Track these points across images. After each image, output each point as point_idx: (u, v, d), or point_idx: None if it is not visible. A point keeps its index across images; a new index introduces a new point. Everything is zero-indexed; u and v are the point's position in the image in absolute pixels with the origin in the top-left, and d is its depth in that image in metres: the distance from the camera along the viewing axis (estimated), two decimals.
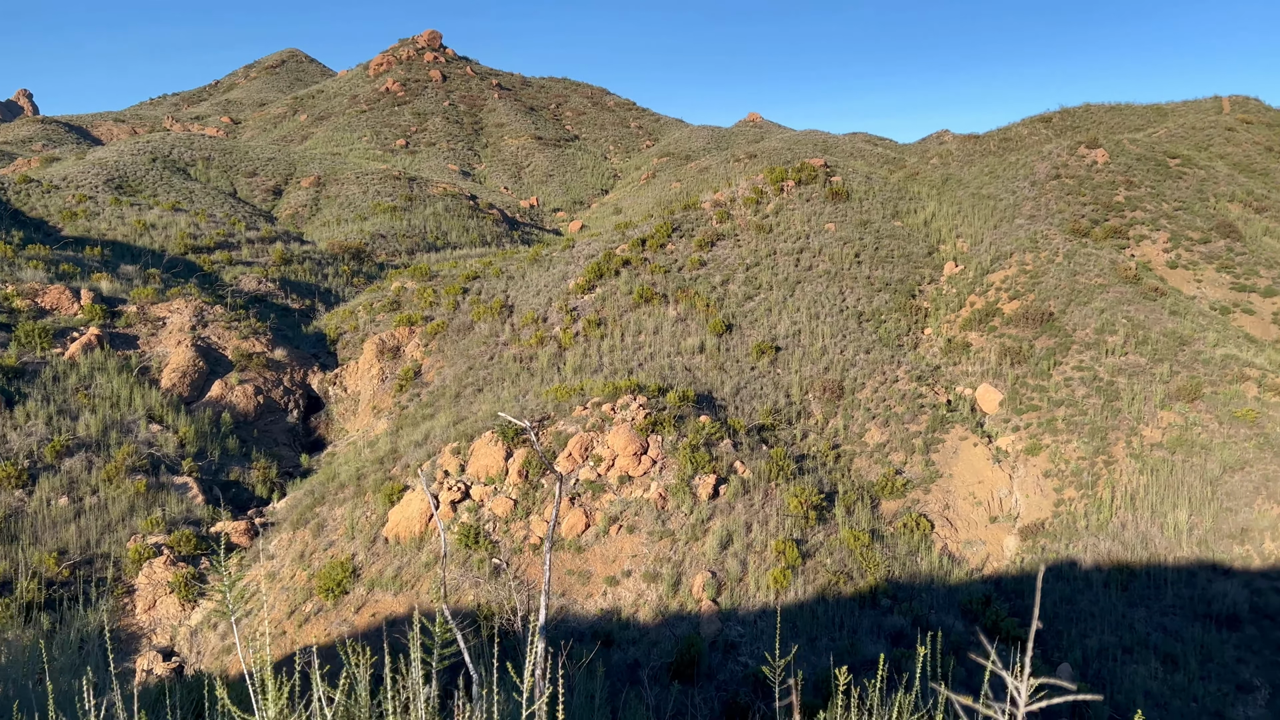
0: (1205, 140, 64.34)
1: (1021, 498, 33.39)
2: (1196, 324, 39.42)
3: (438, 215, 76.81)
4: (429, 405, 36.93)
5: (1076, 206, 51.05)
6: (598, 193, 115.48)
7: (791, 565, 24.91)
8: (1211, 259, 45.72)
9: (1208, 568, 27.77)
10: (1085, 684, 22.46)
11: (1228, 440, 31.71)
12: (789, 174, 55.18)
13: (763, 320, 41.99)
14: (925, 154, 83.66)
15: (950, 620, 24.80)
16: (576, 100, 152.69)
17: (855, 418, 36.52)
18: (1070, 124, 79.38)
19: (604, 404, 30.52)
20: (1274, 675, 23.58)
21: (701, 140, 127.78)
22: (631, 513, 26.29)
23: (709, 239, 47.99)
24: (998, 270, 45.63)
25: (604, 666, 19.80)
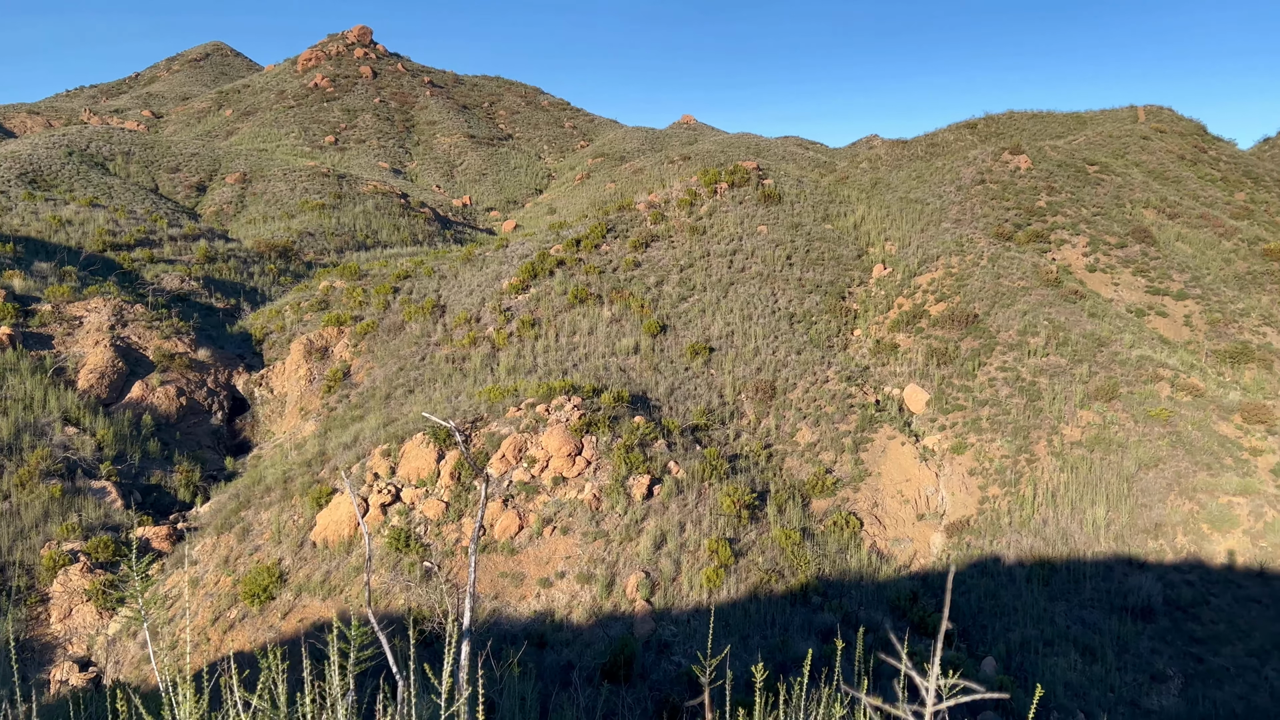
0: (1122, 148, 66.60)
1: (948, 495, 34.17)
2: (1114, 326, 40.78)
3: (368, 213, 75.64)
4: (358, 407, 36.35)
5: (1000, 211, 52.41)
6: (532, 192, 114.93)
7: (724, 564, 25.10)
8: (1128, 263, 47.34)
9: (1124, 562, 28.77)
10: (1009, 677, 23.08)
11: (1143, 438, 32.88)
12: (722, 176, 55.61)
13: (697, 321, 42.25)
14: (855, 158, 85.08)
15: (879, 617, 25.27)
16: (510, 99, 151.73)
17: (787, 418, 36.97)
18: (995, 130, 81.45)
19: (538, 405, 30.40)
20: (1186, 665, 24.52)
21: (636, 141, 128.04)
22: (566, 514, 26.22)
23: (644, 240, 48.12)
24: (925, 273, 46.62)
25: (537, 668, 19.72)
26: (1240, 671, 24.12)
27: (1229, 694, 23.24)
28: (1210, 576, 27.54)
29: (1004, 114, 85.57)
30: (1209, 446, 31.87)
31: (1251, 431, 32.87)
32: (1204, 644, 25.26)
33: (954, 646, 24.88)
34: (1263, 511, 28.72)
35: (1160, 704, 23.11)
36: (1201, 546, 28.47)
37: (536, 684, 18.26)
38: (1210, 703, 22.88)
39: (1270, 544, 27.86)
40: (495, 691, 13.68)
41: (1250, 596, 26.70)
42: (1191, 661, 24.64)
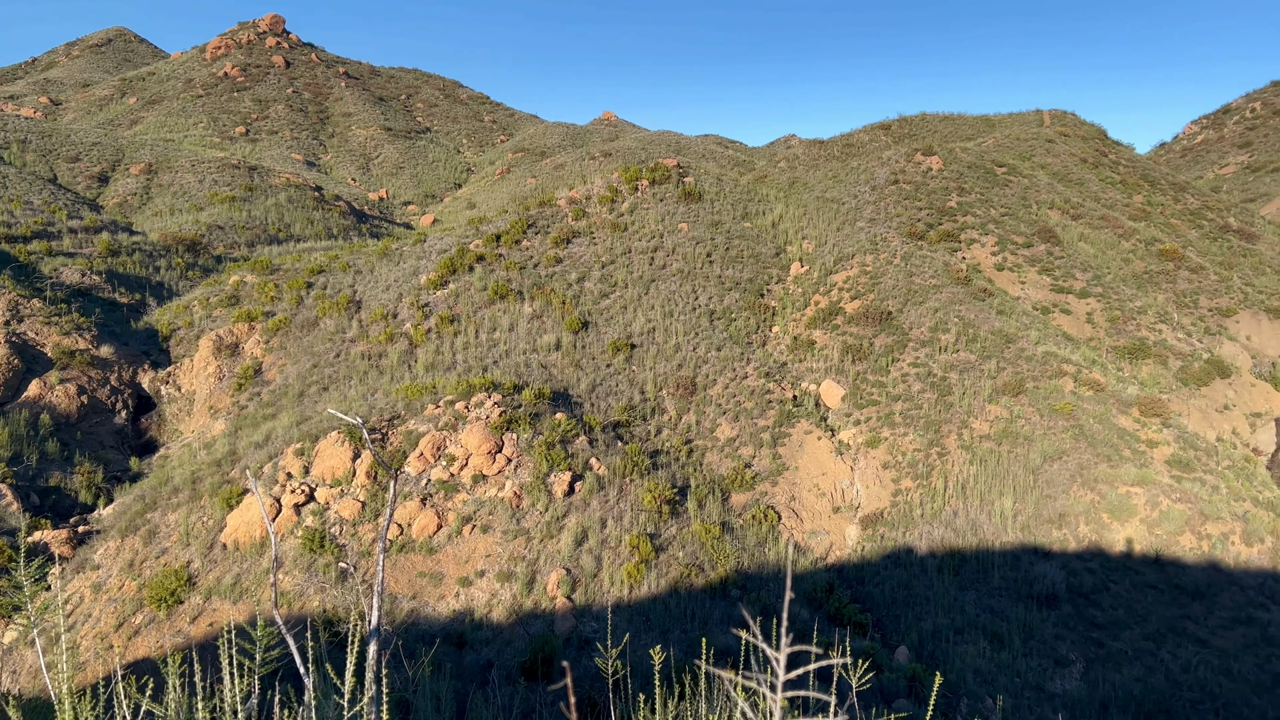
0: (1028, 151, 68.84)
1: (862, 488, 34.89)
2: (1020, 323, 42.15)
3: (280, 206, 73.68)
4: (271, 405, 35.41)
5: (913, 211, 53.69)
6: (450, 187, 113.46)
7: (645, 560, 25.19)
8: (1034, 262, 48.98)
9: (1030, 551, 29.78)
10: (921, 665, 23.66)
11: (1048, 432, 34.07)
12: (644, 173, 55.75)
13: (618, 318, 42.28)
14: (774, 157, 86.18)
15: (797, 608, 25.66)
16: (428, 92, 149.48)
17: (707, 413, 37.26)
18: (908, 132, 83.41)
19: (457, 402, 30.04)
20: (1087, 650, 25.51)
21: (557, 137, 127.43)
22: (486, 512, 25.98)
23: (565, 236, 47.94)
24: (840, 271, 47.49)
25: (456, 668, 19.50)
26: (1138, 655, 25.20)
27: (1127, 676, 24.26)
28: (1110, 564, 28.70)
29: (917, 116, 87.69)
30: (1109, 439, 33.19)
31: (1148, 424, 34.34)
32: (1104, 629, 26.31)
33: (869, 637, 25.43)
34: (1158, 501, 30.04)
35: (1064, 688, 23.99)
36: (1102, 535, 29.64)
37: (453, 683, 18.05)
38: (1110, 685, 23.85)
39: (1165, 532, 29.15)
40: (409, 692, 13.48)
41: (1147, 583, 27.91)
42: (1093, 646, 25.64)
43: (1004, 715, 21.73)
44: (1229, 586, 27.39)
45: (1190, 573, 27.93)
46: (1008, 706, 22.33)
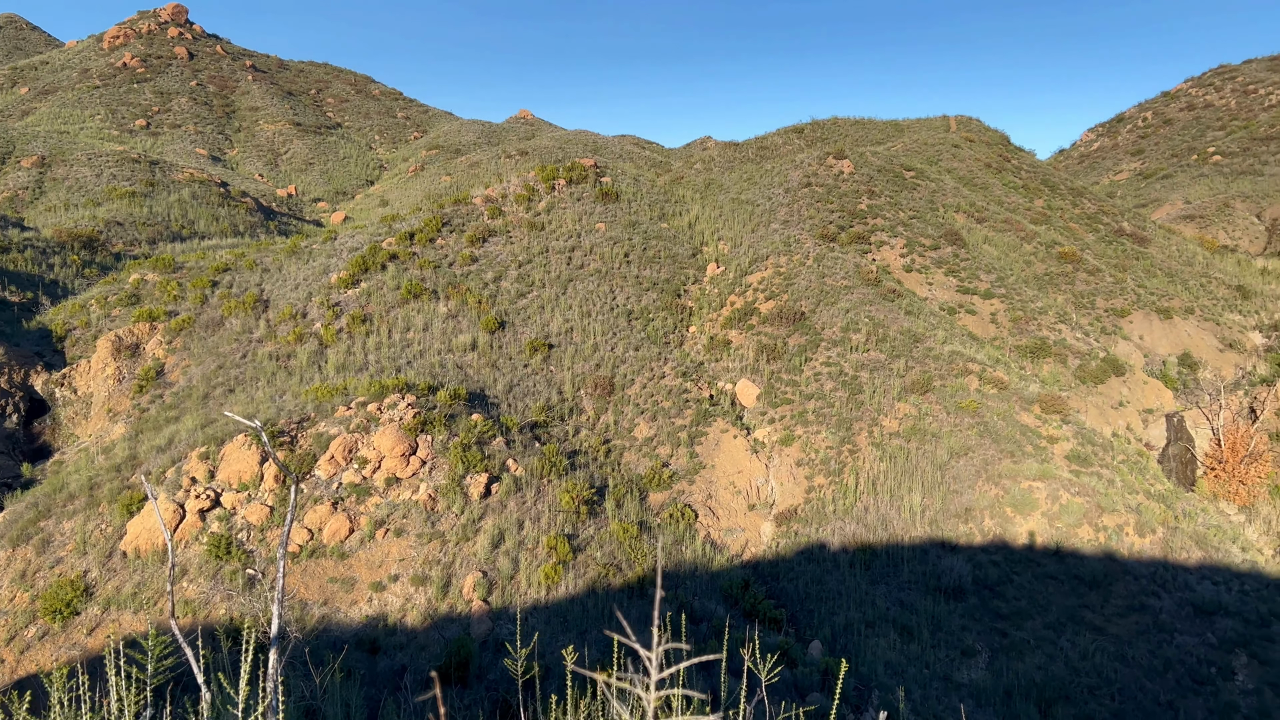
0: (936, 155, 70.79)
1: (777, 486, 35.38)
2: (928, 323, 43.29)
3: (184, 202, 71.18)
4: (174, 407, 34.15)
5: (825, 213, 54.68)
6: (362, 183, 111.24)
7: (563, 560, 25.08)
8: (941, 264, 50.37)
9: (938, 545, 30.62)
10: (834, 659, 24.09)
11: (954, 429, 35.07)
12: (561, 173, 55.54)
13: (536, 318, 42.03)
14: (690, 159, 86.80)
15: (713, 606, 25.87)
16: (339, 87, 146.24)
17: (625, 413, 37.31)
18: (820, 135, 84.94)
19: (370, 404, 29.45)
20: (992, 640, 26.34)
21: (472, 134, 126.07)
22: (400, 515, 25.53)
23: (481, 235, 47.44)
24: (755, 272, 48.09)
25: (369, 674, 19.11)
26: (1039, 644, 26.12)
27: (1030, 665, 25.13)
28: (1014, 556, 29.68)
29: (829, 120, 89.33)
30: (1012, 435, 34.33)
31: (1049, 421, 35.64)
32: (1008, 620, 27.21)
33: (783, 632, 25.79)
34: (1059, 495, 31.19)
35: (970, 677, 24.72)
36: (1006, 529, 30.64)
37: (365, 690, 17.68)
38: (1014, 674, 24.67)
39: (1065, 525, 30.29)
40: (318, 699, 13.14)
41: (1048, 574, 28.95)
42: (997, 636, 26.49)
43: (913, 706, 22.27)
44: (1123, 576, 28.60)
45: (1088, 563, 29.08)
46: (917, 697, 22.91)
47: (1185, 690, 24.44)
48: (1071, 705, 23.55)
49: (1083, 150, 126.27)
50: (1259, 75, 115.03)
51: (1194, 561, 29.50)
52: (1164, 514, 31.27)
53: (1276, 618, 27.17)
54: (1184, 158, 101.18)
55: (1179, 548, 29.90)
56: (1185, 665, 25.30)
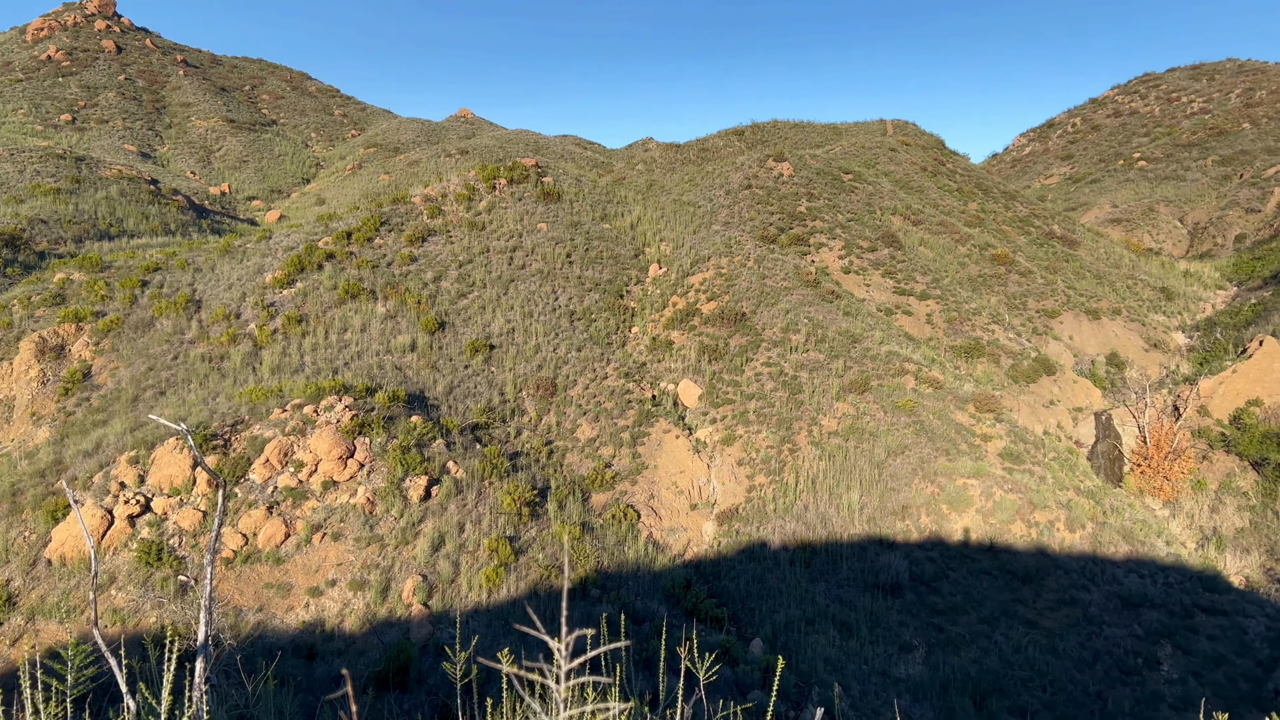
0: (873, 158, 71.88)
1: (719, 485, 35.58)
2: (866, 324, 43.92)
3: (112, 200, 69.13)
4: (102, 411, 33.15)
5: (766, 215, 55.17)
6: (298, 182, 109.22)
7: (505, 563, 24.91)
8: (878, 265, 51.15)
9: (876, 542, 31.06)
10: (775, 656, 24.28)
11: (891, 427, 35.62)
12: (502, 172, 55.18)
13: (476, 318, 41.68)
14: (632, 160, 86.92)
15: (655, 605, 25.92)
16: (274, 83, 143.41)
17: (568, 414, 37.20)
18: (760, 138, 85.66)
19: (306, 406, 28.92)
20: (929, 635, 26.80)
21: (411, 133, 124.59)
22: (337, 519, 25.12)
23: (420, 234, 46.90)
24: (697, 273, 48.32)
25: (306, 680, 18.76)
26: (974, 638, 26.66)
27: (965, 659, 25.63)
28: (949, 553, 30.25)
29: (769, 123, 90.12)
30: (947, 434, 34.99)
31: (983, 419, 36.40)
32: (944, 615, 27.71)
33: (725, 630, 25.93)
34: (992, 492, 31.87)
35: (907, 672, 25.12)
36: (942, 525, 31.21)
37: (302, 697, 17.36)
38: (950, 668, 25.13)
39: (999, 521, 30.97)
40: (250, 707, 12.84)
41: (983, 569, 29.57)
42: (934, 631, 26.96)
43: (853, 702, 22.55)
44: (1055, 570, 29.33)
45: (1021, 558, 29.76)
46: (856, 693, 23.20)
47: (1113, 681, 25.15)
48: (1005, 698, 24.07)
49: (1015, 154, 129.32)
50: (1181, 84, 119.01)
51: (1121, 555, 30.37)
52: (1093, 510, 32.14)
53: (1199, 609, 28.10)
54: (1111, 163, 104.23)
55: (1107, 542, 30.77)
56: (1113, 656, 26.03)
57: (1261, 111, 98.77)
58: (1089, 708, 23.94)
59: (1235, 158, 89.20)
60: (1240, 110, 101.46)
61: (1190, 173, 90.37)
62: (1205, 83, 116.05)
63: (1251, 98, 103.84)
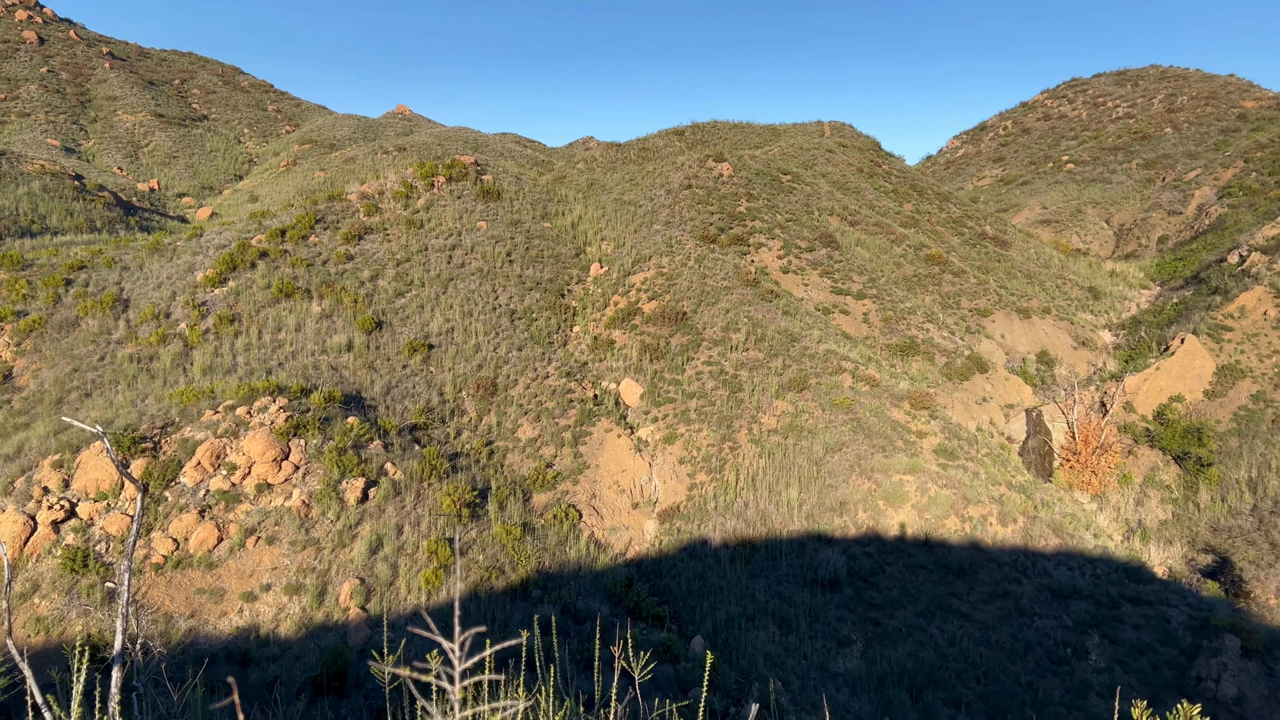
0: (811, 160, 72.70)
1: (660, 484, 35.70)
2: (804, 323, 44.43)
3: (33, 196, 66.87)
4: (23, 413, 32.06)
5: (706, 215, 55.48)
6: (231, 178, 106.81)
7: (444, 565, 24.68)
8: (816, 265, 51.77)
9: (814, 538, 31.45)
10: (716, 653, 24.46)
11: (829, 425, 36.09)
12: (440, 170, 54.63)
13: (415, 317, 41.21)
14: (572, 158, 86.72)
15: (597, 605, 25.91)
16: (205, 77, 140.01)
17: (508, 414, 36.98)
18: (700, 138, 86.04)
19: (239, 407, 28.31)
20: (866, 629, 27.22)
21: (347, 129, 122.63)
22: (271, 522, 24.64)
23: (356, 232, 46.22)
24: (638, 272, 48.40)
25: (240, 688, 18.37)
26: (910, 631, 27.14)
27: (902, 652, 26.08)
28: (886, 548, 30.76)
29: (709, 123, 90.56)
30: (884, 431, 35.56)
31: (918, 416, 37.07)
32: (881, 609, 28.17)
33: (666, 628, 26.03)
34: (927, 487, 32.49)
35: (845, 666, 25.48)
36: (879, 521, 31.72)
37: (230, 703, 16.98)
38: (887, 661, 25.55)
39: (933, 516, 31.57)
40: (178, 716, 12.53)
41: (918, 564, 30.12)
42: (871, 625, 27.39)
43: (792, 697, 22.80)
44: (988, 564, 30.01)
45: (955, 553, 30.39)
46: (795, 688, 23.46)
47: (1044, 670, 25.81)
48: (941, 690, 24.56)
49: (949, 156, 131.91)
50: (1107, 89, 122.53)
51: (1051, 548, 31.19)
52: (1024, 504, 32.94)
53: (1125, 599, 28.98)
54: (1041, 165, 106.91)
55: (1038, 536, 31.56)
56: (1044, 647, 26.72)
57: (1183, 117, 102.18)
58: (1020, 698, 24.54)
59: (1158, 161, 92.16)
60: (1163, 115, 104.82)
61: (1116, 175, 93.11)
62: (1130, 88, 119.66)
63: (1173, 103, 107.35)
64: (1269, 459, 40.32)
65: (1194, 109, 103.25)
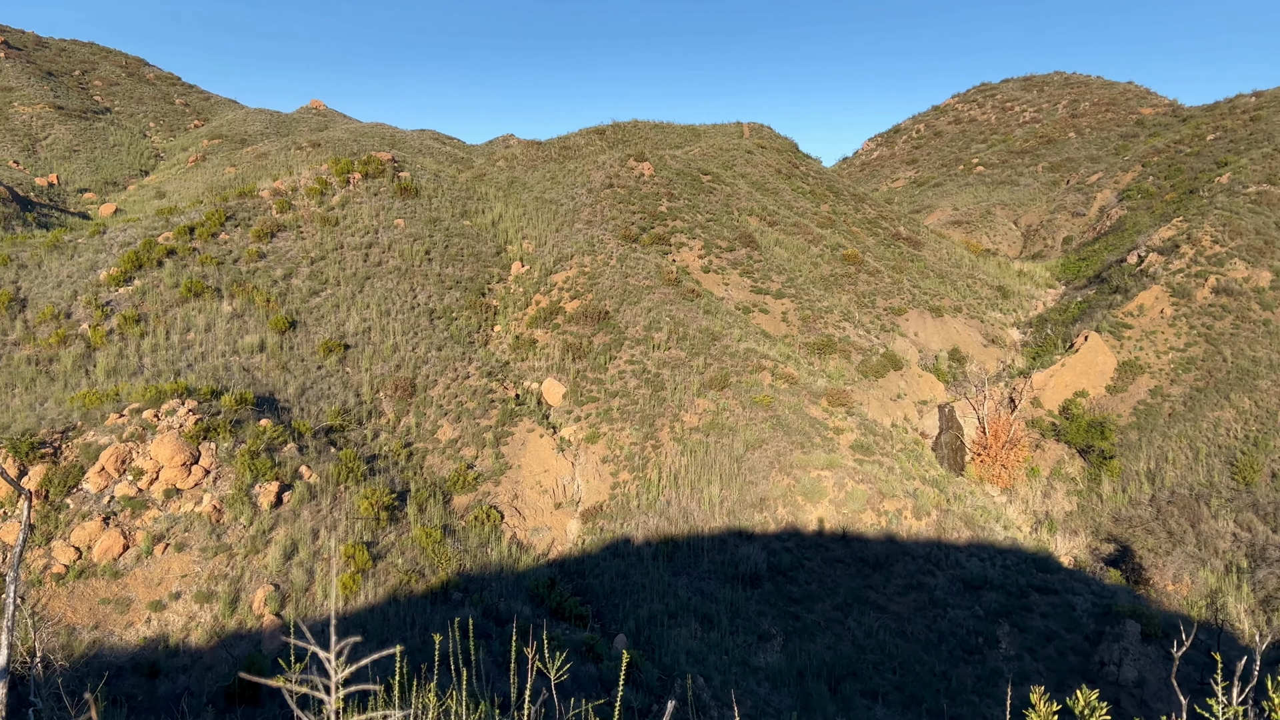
0: (730, 160, 73.43)
1: (583, 483, 35.67)
2: (725, 322, 44.88)
3: None
4: None
5: (627, 214, 55.60)
6: (136, 174, 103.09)
7: (362, 569, 24.26)
8: (736, 265, 52.33)
9: (736, 534, 31.80)
10: (639, 651, 24.55)
11: (750, 422, 36.52)
12: (356, 166, 53.61)
13: (330, 317, 40.37)
14: (492, 156, 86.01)
15: (519, 606, 25.76)
16: (108, 69, 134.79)
17: (428, 415, 36.51)
18: (622, 138, 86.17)
19: (146, 410, 27.36)
20: (786, 623, 27.63)
21: (259, 124, 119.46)
22: (181, 529, 23.88)
23: (269, 230, 45.05)
24: (560, 271, 48.25)
25: (148, 700, 17.79)
26: (829, 624, 27.65)
27: (820, 645, 26.55)
28: (805, 542, 31.28)
29: (630, 122, 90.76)
30: (802, 427, 36.15)
31: (835, 413, 37.77)
32: (800, 603, 28.63)
33: (589, 628, 26.02)
34: (844, 483, 33.13)
35: (766, 661, 25.83)
36: (798, 516, 32.23)
37: (143, 717, 16.45)
38: (806, 655, 25.99)
39: (851, 510, 32.22)
40: None
41: (836, 557, 30.70)
42: (791, 620, 27.82)
43: (714, 692, 23.02)
44: (903, 557, 30.75)
45: (872, 546, 31.06)
46: (717, 683, 23.69)
47: (957, 660, 26.57)
48: (858, 681, 25.08)
49: (864, 158, 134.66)
50: (1014, 94, 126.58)
51: (964, 540, 32.12)
52: (938, 498, 33.85)
53: (1034, 589, 30.02)
54: (952, 167, 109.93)
55: (951, 528, 32.47)
56: (957, 637, 27.50)
57: (1085, 122, 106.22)
58: (935, 687, 25.21)
59: (1063, 164, 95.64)
60: (1067, 120, 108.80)
61: (1023, 178, 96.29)
62: (1036, 93, 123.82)
63: (1076, 109, 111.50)
64: (1166, 451, 42.20)
65: (1095, 115, 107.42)
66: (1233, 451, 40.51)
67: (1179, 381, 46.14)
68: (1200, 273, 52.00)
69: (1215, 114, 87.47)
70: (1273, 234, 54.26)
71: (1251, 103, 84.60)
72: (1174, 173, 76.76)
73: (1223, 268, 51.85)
